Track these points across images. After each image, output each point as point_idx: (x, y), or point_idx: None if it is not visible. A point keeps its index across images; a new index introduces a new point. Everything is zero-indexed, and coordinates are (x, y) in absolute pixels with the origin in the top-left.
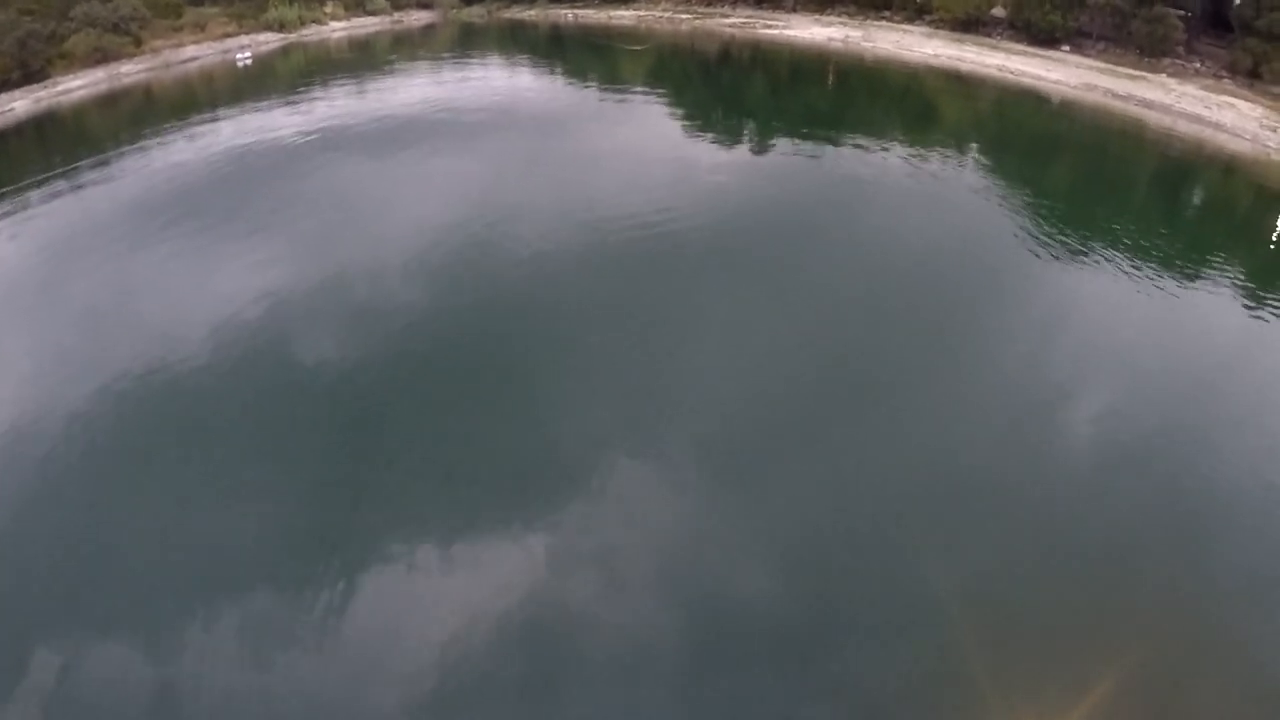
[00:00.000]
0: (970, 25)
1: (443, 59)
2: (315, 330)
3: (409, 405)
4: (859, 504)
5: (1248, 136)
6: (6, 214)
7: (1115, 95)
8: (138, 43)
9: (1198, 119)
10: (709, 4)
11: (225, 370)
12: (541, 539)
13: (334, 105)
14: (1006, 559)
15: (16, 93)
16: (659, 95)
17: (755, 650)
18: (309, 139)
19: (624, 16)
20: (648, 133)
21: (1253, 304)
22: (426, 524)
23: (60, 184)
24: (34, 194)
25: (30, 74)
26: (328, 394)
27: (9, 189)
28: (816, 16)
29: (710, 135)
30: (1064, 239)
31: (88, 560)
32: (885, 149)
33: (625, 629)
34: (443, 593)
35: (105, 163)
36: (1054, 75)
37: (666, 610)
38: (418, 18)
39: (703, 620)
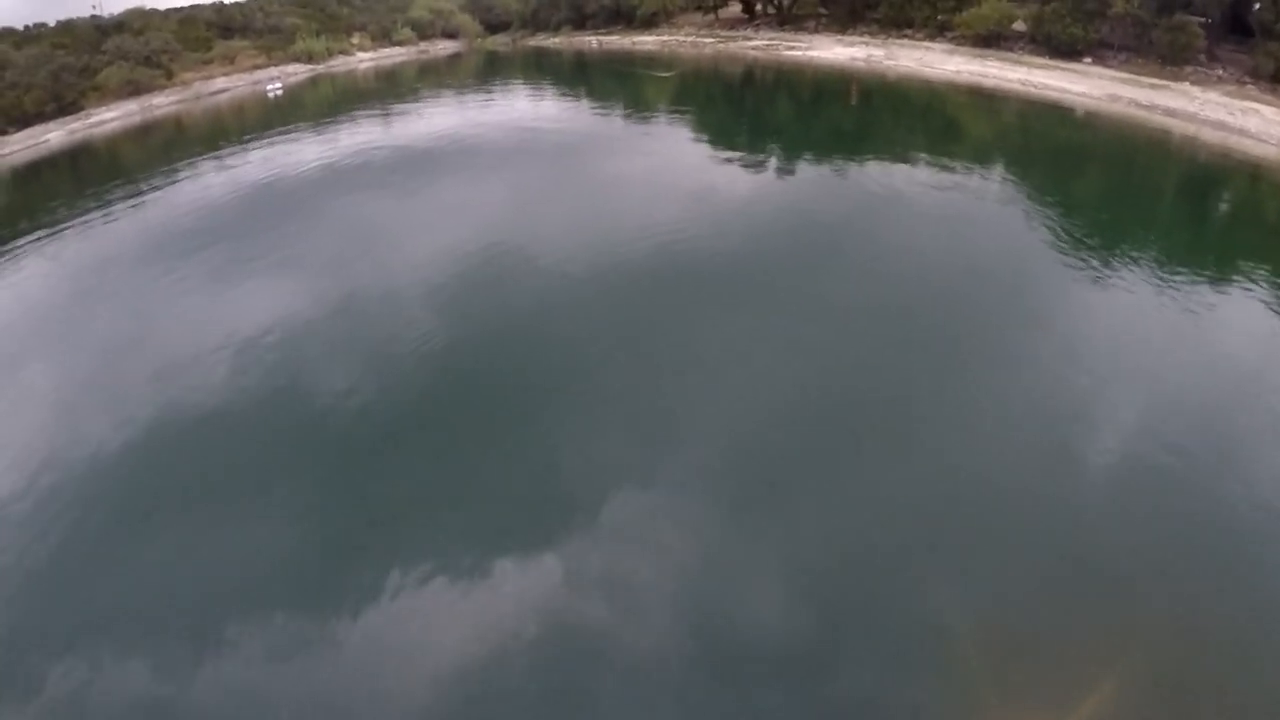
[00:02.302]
0: (991, 41)
1: (467, 87)
2: (333, 356)
3: (427, 433)
4: (877, 528)
5: (1273, 141)
6: (40, 243)
7: (1139, 105)
8: (169, 75)
9: (1222, 125)
10: (732, 28)
11: (244, 395)
12: (552, 563)
13: (361, 135)
14: (1031, 587)
15: (51, 124)
16: (683, 120)
17: (769, 675)
18: (336, 168)
19: (647, 42)
20: (671, 158)
21: None
22: (441, 550)
23: (93, 213)
24: (66, 223)
25: (64, 106)
26: (345, 420)
27: (44, 218)
28: (839, 37)
29: (734, 158)
30: (1092, 251)
31: (101, 584)
32: (910, 166)
33: (635, 650)
34: (453, 617)
35: (137, 192)
36: (1077, 87)
37: (678, 633)
38: (443, 47)
39: (715, 643)
